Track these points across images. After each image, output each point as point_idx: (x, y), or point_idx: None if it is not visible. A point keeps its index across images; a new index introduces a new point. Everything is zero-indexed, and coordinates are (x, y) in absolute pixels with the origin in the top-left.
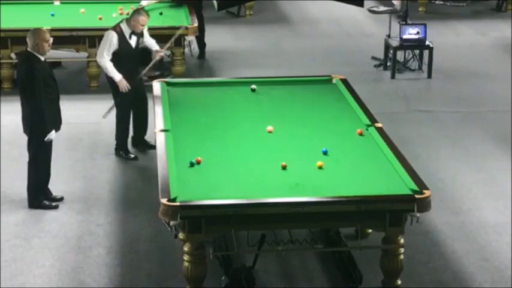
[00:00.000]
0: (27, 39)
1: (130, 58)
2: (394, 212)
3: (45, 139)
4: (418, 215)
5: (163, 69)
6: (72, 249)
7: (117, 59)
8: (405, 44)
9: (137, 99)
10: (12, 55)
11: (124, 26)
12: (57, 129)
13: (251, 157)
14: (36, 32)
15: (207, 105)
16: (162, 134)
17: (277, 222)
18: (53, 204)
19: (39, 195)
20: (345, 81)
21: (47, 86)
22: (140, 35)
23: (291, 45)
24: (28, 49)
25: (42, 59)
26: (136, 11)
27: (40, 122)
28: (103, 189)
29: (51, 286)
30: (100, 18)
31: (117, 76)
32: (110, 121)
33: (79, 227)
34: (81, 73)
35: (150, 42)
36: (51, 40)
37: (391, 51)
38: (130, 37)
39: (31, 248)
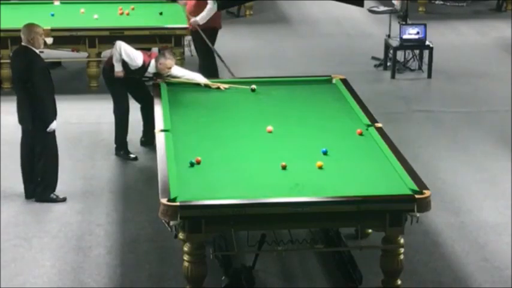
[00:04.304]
0: (22, 34)
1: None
2: (394, 212)
3: (48, 129)
4: (418, 215)
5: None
6: (72, 249)
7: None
8: (405, 44)
9: (143, 100)
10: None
11: (153, 63)
12: (55, 119)
13: (251, 157)
14: (30, 26)
15: (207, 105)
16: (162, 134)
17: (277, 222)
18: (61, 197)
19: (47, 189)
20: (345, 81)
21: (45, 78)
22: (160, 75)
23: (291, 45)
24: (23, 43)
25: (38, 52)
26: (163, 55)
27: (42, 113)
28: (103, 190)
29: (51, 286)
30: (96, 18)
31: (119, 68)
32: (110, 121)
33: (79, 227)
34: (81, 73)
35: (183, 75)
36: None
37: (391, 51)
38: (147, 70)
39: (31, 248)
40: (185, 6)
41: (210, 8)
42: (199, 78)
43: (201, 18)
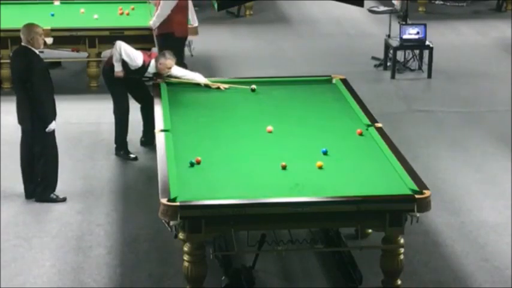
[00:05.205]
0: (21, 35)
1: (135, 77)
2: (394, 212)
3: (47, 130)
4: (418, 215)
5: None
6: (72, 249)
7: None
8: (405, 44)
9: (143, 100)
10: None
11: (153, 63)
12: (55, 119)
13: (251, 157)
14: (30, 26)
15: (207, 105)
16: (162, 134)
17: (277, 222)
18: (61, 197)
19: (47, 189)
20: (345, 81)
21: (45, 78)
22: (160, 75)
23: (291, 45)
24: (23, 44)
25: (37, 52)
26: (163, 55)
27: (42, 113)
28: (103, 190)
29: (51, 286)
30: (96, 18)
31: (119, 67)
32: (110, 121)
33: (79, 227)
34: (81, 73)
35: (183, 75)
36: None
37: (391, 51)
38: (147, 70)
39: (31, 248)
40: (156, 6)
41: (159, 13)
42: (199, 78)
43: (153, 22)
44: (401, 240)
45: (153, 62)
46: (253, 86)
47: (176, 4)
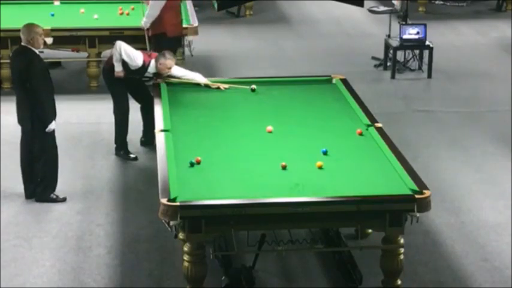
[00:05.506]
0: (21, 34)
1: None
2: (394, 212)
3: (47, 130)
4: (418, 215)
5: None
6: (72, 249)
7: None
8: (405, 44)
9: (143, 100)
10: None
11: (153, 63)
12: (55, 119)
13: (251, 157)
14: (30, 26)
15: (207, 105)
16: (162, 134)
17: (277, 222)
18: (61, 197)
19: (47, 189)
20: (345, 81)
21: (45, 78)
22: (160, 75)
23: (291, 45)
24: (23, 44)
25: (37, 52)
26: (163, 55)
27: (41, 114)
28: (103, 190)
29: (51, 286)
30: (96, 18)
31: (119, 67)
32: (110, 121)
33: (79, 227)
34: (81, 73)
35: (183, 75)
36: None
37: (391, 51)
38: (147, 70)
39: (31, 248)
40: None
41: (148, 13)
42: (199, 78)
43: (144, 22)
44: (401, 240)
45: (153, 62)
46: (253, 86)
47: (165, 4)
